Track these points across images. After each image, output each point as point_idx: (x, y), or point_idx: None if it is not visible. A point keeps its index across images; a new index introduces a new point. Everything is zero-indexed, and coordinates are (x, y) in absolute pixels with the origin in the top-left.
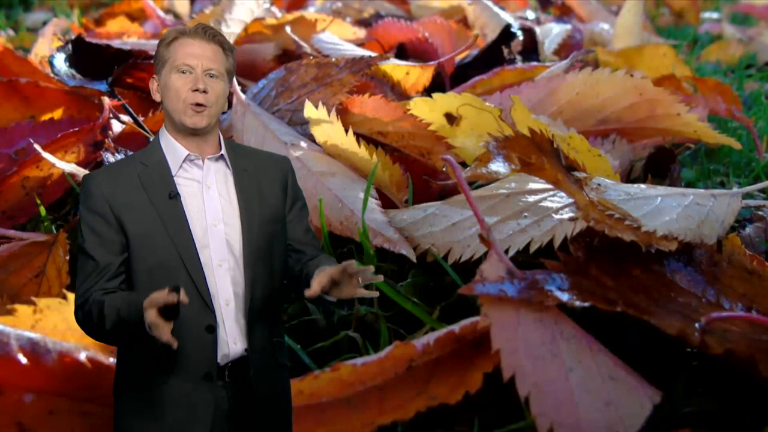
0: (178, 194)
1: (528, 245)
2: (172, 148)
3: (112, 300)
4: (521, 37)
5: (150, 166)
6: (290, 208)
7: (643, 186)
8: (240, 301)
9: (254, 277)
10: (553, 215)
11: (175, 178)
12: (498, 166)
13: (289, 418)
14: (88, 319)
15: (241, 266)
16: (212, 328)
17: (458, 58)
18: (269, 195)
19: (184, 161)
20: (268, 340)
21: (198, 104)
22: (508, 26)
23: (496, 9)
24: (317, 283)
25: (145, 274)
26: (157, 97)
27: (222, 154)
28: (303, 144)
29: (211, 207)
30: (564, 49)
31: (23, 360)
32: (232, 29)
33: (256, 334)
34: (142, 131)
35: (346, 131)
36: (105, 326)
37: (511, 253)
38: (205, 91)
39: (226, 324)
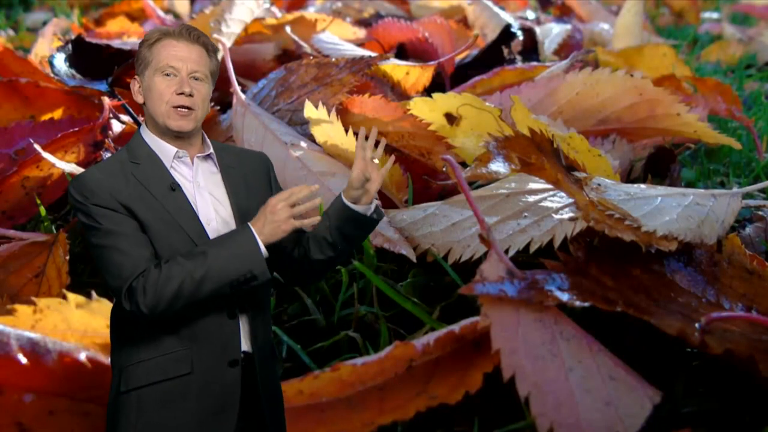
0: (178, 185)
1: (528, 245)
2: (159, 146)
3: (191, 264)
4: (521, 37)
5: (142, 163)
6: None
7: (643, 186)
8: None
9: None
10: (553, 215)
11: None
12: (498, 166)
13: (283, 408)
14: (167, 285)
15: None
16: (233, 314)
17: (458, 58)
18: (256, 189)
19: (173, 158)
20: (266, 334)
21: (183, 107)
22: (508, 26)
23: (496, 9)
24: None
25: None
26: (139, 98)
27: (210, 153)
28: (303, 144)
29: (203, 206)
30: (564, 49)
31: (23, 360)
32: (232, 29)
33: (258, 329)
34: None
35: (346, 131)
36: (202, 292)
37: (511, 253)
38: (190, 95)
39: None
